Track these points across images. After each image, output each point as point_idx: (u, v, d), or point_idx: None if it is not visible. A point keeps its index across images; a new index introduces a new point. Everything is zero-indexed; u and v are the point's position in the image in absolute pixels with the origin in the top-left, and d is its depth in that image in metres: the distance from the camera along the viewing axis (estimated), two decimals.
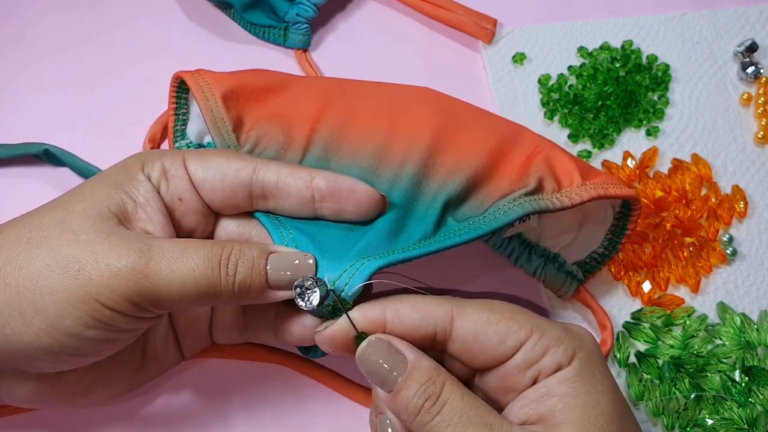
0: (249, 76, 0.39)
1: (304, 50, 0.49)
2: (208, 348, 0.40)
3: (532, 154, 0.38)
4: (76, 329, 0.29)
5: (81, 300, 0.29)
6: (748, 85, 0.49)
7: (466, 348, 0.30)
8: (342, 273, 0.32)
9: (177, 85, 0.41)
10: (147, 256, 0.29)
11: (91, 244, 0.29)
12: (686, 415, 0.40)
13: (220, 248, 0.30)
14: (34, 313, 0.29)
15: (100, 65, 0.49)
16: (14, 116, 0.47)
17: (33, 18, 0.50)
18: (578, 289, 0.42)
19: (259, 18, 0.49)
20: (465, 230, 0.35)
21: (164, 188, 0.33)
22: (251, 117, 0.38)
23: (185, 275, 0.29)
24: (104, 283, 0.29)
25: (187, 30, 0.50)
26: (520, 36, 0.50)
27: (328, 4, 0.50)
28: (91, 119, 0.47)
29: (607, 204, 0.41)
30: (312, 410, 0.40)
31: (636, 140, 0.48)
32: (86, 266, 0.29)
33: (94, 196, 0.31)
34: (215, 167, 0.33)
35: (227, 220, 0.35)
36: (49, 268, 0.29)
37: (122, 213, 0.31)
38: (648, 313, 0.43)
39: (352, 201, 0.33)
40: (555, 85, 0.49)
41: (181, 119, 0.42)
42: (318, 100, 0.38)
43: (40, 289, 0.29)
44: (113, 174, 0.33)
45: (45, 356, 0.30)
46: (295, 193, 0.33)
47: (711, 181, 0.46)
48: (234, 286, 0.30)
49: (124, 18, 0.50)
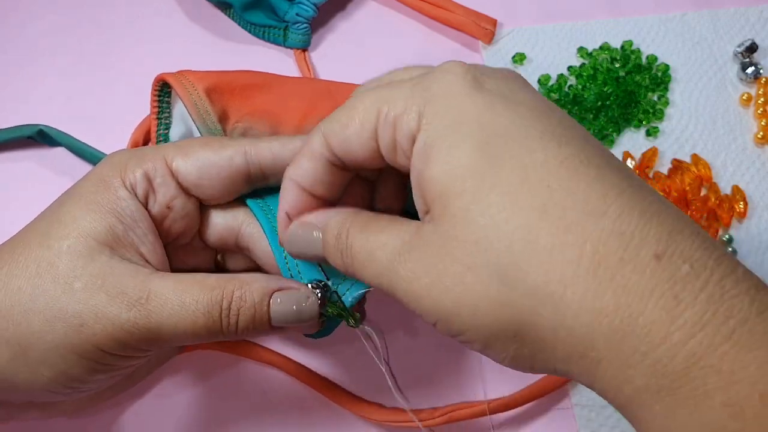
0: (232, 74, 0.39)
1: (303, 50, 0.49)
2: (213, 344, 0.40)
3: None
4: (85, 375, 0.29)
5: (87, 351, 0.28)
6: (747, 85, 0.49)
7: (344, 158, 0.28)
8: (342, 281, 0.31)
9: (159, 88, 0.40)
10: (146, 310, 0.28)
11: (87, 294, 0.28)
12: None
13: (220, 295, 0.29)
14: (42, 367, 0.28)
15: (100, 65, 0.49)
16: (13, 118, 0.47)
17: (32, 18, 0.50)
18: None
19: (258, 18, 0.49)
20: None
21: (152, 200, 0.31)
22: (236, 111, 0.38)
23: (186, 327, 0.29)
24: (107, 336, 0.28)
25: (187, 30, 0.50)
26: (520, 36, 0.50)
27: (328, 4, 0.50)
28: (90, 121, 0.47)
29: None
30: (311, 413, 0.40)
31: (636, 140, 0.48)
32: (87, 321, 0.28)
33: (78, 227, 0.29)
34: (206, 161, 0.31)
35: (216, 215, 0.34)
36: (48, 323, 0.28)
37: (113, 239, 0.29)
38: None
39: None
40: (555, 85, 0.49)
41: (164, 123, 0.41)
42: (305, 100, 0.39)
43: (44, 344, 0.28)
44: (92, 193, 0.30)
45: (55, 396, 0.30)
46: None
47: (711, 182, 0.46)
48: (237, 332, 0.30)
49: (124, 18, 0.50)
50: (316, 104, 0.38)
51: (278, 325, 0.30)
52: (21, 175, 0.45)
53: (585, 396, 0.41)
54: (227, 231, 0.34)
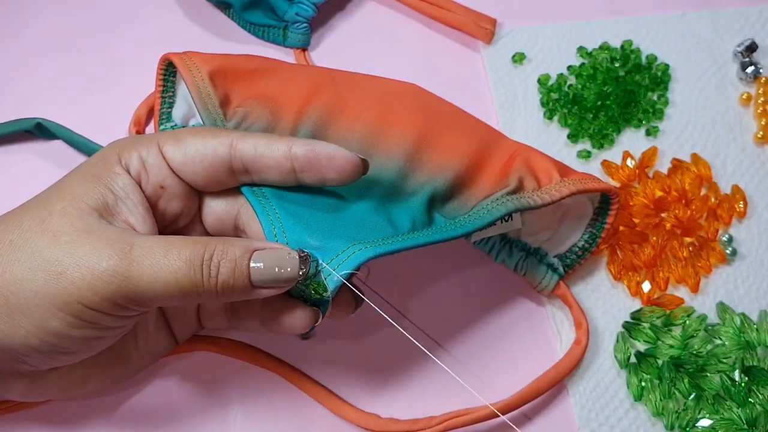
0: (237, 58, 0.39)
1: (303, 50, 0.49)
2: (205, 341, 0.40)
3: (512, 156, 0.39)
4: (63, 330, 0.29)
5: (64, 302, 0.28)
6: (747, 85, 0.49)
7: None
8: (334, 257, 0.31)
9: (164, 67, 0.41)
10: (128, 258, 0.29)
11: (72, 245, 0.29)
12: (686, 415, 0.40)
13: (203, 248, 0.30)
14: (20, 316, 0.29)
15: (100, 63, 0.49)
16: (11, 113, 0.47)
17: (32, 19, 0.50)
18: (558, 284, 0.42)
19: (258, 18, 0.49)
20: (452, 227, 0.36)
21: (144, 179, 0.33)
22: (238, 95, 0.38)
23: (167, 277, 0.29)
24: (86, 285, 0.28)
25: (187, 30, 0.50)
26: (520, 36, 0.50)
27: (328, 4, 0.50)
28: (89, 121, 0.47)
29: (586, 199, 0.41)
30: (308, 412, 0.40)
31: (636, 140, 0.48)
32: (68, 269, 0.29)
33: (73, 193, 0.31)
34: (193, 149, 0.33)
35: (214, 199, 0.35)
36: (31, 271, 0.29)
37: (103, 206, 0.31)
38: (648, 313, 0.43)
39: (333, 168, 0.33)
40: (555, 85, 0.49)
41: (168, 102, 0.42)
42: (308, 86, 0.39)
43: (24, 292, 0.29)
44: (91, 167, 0.32)
45: (36, 355, 0.30)
46: (274, 165, 0.33)
47: (711, 181, 0.46)
48: (217, 287, 0.30)
49: (123, 18, 0.50)
50: (318, 91, 0.38)
51: (258, 284, 0.31)
52: (20, 167, 0.45)
53: (585, 396, 0.41)
54: (226, 214, 0.35)
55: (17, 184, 0.45)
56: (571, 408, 0.41)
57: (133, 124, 0.45)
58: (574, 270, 0.43)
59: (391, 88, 0.41)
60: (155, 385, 0.40)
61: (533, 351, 0.42)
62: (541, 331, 0.43)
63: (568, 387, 0.41)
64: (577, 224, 0.42)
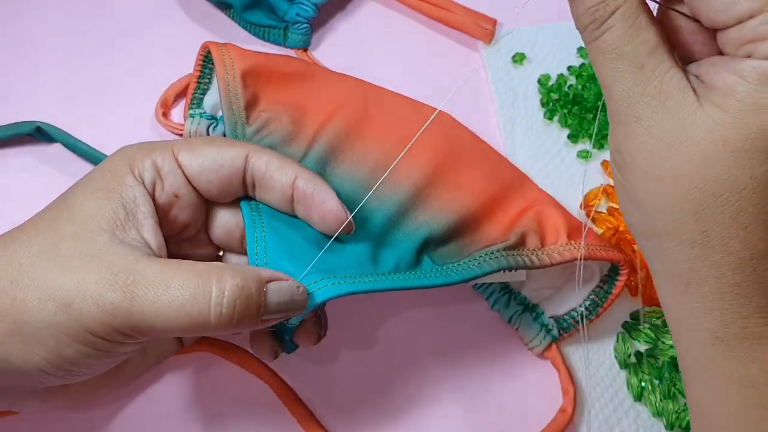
0: (275, 59, 0.39)
1: (304, 50, 0.49)
2: (208, 345, 0.40)
3: (527, 207, 0.38)
4: (77, 358, 0.29)
5: (76, 332, 0.28)
6: None
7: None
8: (309, 284, 0.31)
9: (204, 55, 0.41)
10: (130, 293, 0.28)
11: (80, 273, 0.28)
12: (686, 415, 0.40)
13: (210, 281, 0.28)
14: (34, 344, 0.28)
15: (100, 64, 0.48)
16: (11, 116, 0.47)
17: (32, 20, 0.50)
18: (549, 345, 0.41)
19: (258, 18, 0.49)
20: (437, 274, 0.34)
21: (159, 188, 0.32)
22: (267, 97, 0.38)
23: (169, 314, 0.28)
24: (93, 318, 0.28)
25: (187, 30, 0.50)
26: (520, 36, 0.50)
27: (328, 4, 0.50)
28: (90, 119, 0.47)
29: (594, 264, 0.40)
30: None
31: None
32: (75, 300, 0.28)
33: (84, 213, 0.30)
34: (209, 158, 0.33)
35: (224, 210, 0.35)
36: (41, 301, 0.28)
37: (116, 224, 0.30)
38: (647, 314, 0.43)
39: (319, 212, 0.33)
40: (555, 85, 0.49)
41: (202, 88, 0.42)
42: (336, 98, 0.38)
43: (37, 322, 0.28)
44: (101, 179, 0.31)
45: (51, 378, 0.30)
46: (278, 188, 0.33)
47: None
48: (229, 323, 0.29)
49: (124, 18, 0.50)
50: (345, 106, 0.38)
51: (269, 316, 0.30)
52: (19, 170, 0.45)
53: (585, 397, 0.41)
54: (236, 226, 0.35)
55: (17, 187, 0.45)
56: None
57: (159, 105, 0.45)
58: (570, 335, 0.41)
59: (422, 114, 0.40)
60: (155, 383, 0.40)
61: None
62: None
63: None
64: (581, 288, 0.40)
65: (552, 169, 0.46)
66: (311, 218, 0.33)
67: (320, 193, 0.33)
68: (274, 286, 0.29)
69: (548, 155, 0.47)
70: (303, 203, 0.33)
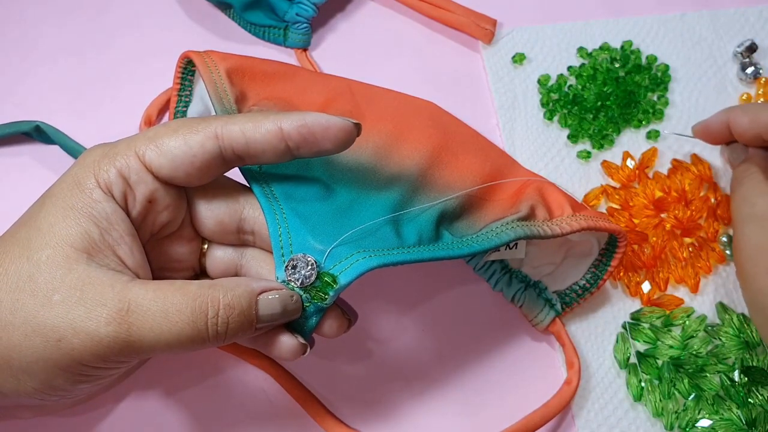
0: (256, 60, 0.39)
1: (304, 50, 0.49)
2: None
3: (525, 184, 0.39)
4: (69, 386, 0.29)
5: (67, 365, 0.28)
6: (747, 85, 0.49)
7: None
8: (337, 263, 0.31)
9: (183, 65, 0.41)
10: (127, 323, 0.28)
11: (65, 307, 0.27)
12: (686, 415, 0.40)
13: (205, 303, 0.29)
14: (25, 377, 0.28)
15: (100, 65, 0.49)
16: (10, 115, 0.47)
17: (33, 21, 0.50)
18: (554, 321, 0.41)
19: (258, 18, 0.49)
20: (459, 245, 0.35)
21: (131, 199, 0.31)
22: (254, 94, 0.38)
23: (170, 339, 0.28)
24: (88, 351, 0.28)
25: (187, 30, 0.50)
26: (520, 36, 0.50)
27: (328, 4, 0.50)
28: (90, 121, 0.47)
29: (593, 238, 0.41)
30: None
31: (635, 140, 0.48)
32: (66, 336, 0.27)
33: (54, 234, 0.29)
34: (178, 152, 0.30)
35: (211, 202, 0.33)
36: (27, 337, 0.27)
37: (89, 244, 0.29)
38: (647, 314, 0.43)
39: (329, 139, 0.32)
40: (555, 85, 0.49)
41: (183, 101, 0.42)
42: (325, 93, 0.39)
43: (25, 357, 0.28)
44: (67, 195, 0.30)
45: (47, 399, 0.30)
46: (268, 148, 0.31)
47: (711, 182, 0.46)
48: (225, 340, 0.29)
49: (124, 18, 0.50)
50: (335, 99, 0.38)
51: (263, 327, 0.30)
52: (17, 169, 0.45)
53: (585, 397, 0.41)
54: (228, 216, 0.33)
55: (14, 186, 0.45)
56: (570, 408, 0.41)
57: (143, 123, 0.45)
58: (572, 309, 0.42)
59: (410, 104, 0.40)
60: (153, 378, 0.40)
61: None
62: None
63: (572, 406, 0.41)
64: (580, 262, 0.41)
65: (552, 169, 0.46)
66: (323, 148, 0.32)
67: (316, 123, 0.31)
68: (264, 300, 0.30)
69: (548, 155, 0.47)
70: (305, 143, 0.31)
